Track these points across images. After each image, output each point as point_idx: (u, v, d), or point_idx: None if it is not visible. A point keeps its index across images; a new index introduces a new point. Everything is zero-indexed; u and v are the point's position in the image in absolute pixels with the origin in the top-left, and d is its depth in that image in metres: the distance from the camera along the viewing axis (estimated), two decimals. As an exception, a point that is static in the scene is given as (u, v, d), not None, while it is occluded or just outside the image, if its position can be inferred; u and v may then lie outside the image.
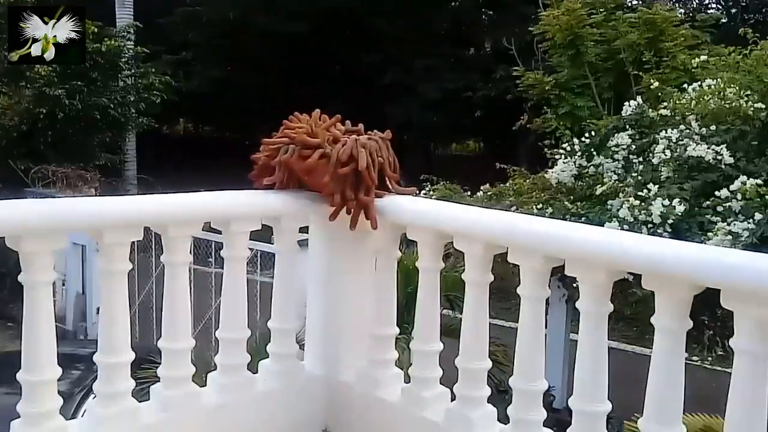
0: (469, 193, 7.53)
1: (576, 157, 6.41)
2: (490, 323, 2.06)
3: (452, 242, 2.02)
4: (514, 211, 6.11)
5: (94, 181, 11.23)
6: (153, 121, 15.43)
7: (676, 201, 4.87)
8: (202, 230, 2.11)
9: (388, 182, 2.20)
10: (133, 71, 14.83)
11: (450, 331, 2.48)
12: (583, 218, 5.42)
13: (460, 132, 22.69)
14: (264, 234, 2.49)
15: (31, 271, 1.73)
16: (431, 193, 7.36)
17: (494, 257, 2.00)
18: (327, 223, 2.17)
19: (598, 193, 5.70)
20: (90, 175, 11.33)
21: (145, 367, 2.67)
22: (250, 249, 2.22)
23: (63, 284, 9.67)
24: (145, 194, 2.02)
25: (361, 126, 2.25)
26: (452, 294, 5.14)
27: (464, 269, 2.02)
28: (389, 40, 20.19)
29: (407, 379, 2.20)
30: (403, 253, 2.30)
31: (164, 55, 18.31)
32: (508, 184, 7.26)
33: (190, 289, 2.11)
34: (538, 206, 6.06)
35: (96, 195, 10.78)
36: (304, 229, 2.35)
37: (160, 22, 21.40)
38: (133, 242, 1.94)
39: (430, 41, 19.56)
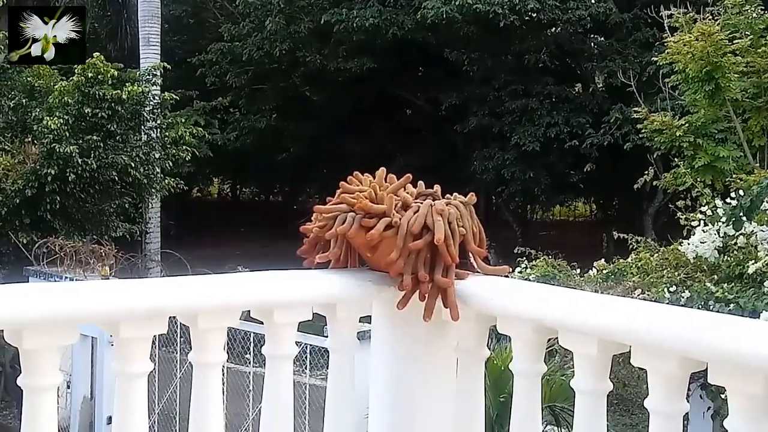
0: (578, 271, 7.42)
1: (720, 224, 6.26)
2: (609, 445, 1.99)
3: (557, 338, 1.99)
4: (638, 296, 5.97)
5: (110, 257, 11.63)
6: (182, 183, 15.98)
7: None
8: (239, 319, 2.15)
9: (472, 259, 2.19)
10: (158, 122, 15.48)
11: (556, 455, 2.42)
12: (731, 305, 5.27)
13: (565, 191, 22.57)
14: (315, 324, 2.51)
15: (33, 373, 1.78)
16: (528, 271, 7.29)
17: (613, 358, 1.95)
18: (395, 312, 2.17)
19: (750, 271, 5.55)
20: (104, 250, 11.75)
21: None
22: (297, 344, 2.23)
23: (68, 386, 9.91)
24: (171, 274, 2.07)
25: (437, 188, 2.27)
26: (557, 405, 5.01)
27: (573, 373, 1.98)
28: (472, 76, 20.51)
29: None
30: (493, 350, 2.27)
31: (196, 102, 19.15)
32: (630, 260, 7.12)
33: (223, 393, 2.13)
34: (671, 289, 5.93)
35: (111, 275, 11.15)
36: (365, 319, 2.36)
37: (191, 62, 22.49)
38: (155, 336, 1.98)
39: (524, 77, 19.77)
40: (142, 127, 15.32)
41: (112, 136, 14.17)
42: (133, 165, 14.08)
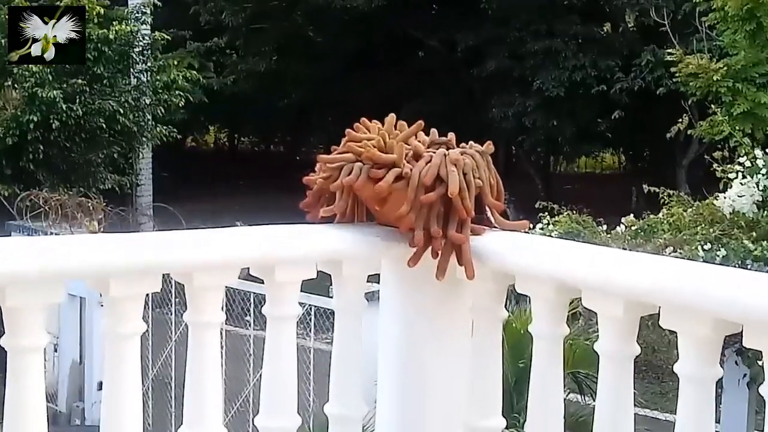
0: (605, 227, 7.42)
1: (759, 176, 6.24)
2: (636, 414, 2.01)
3: (580, 298, 2.00)
4: (670, 254, 5.97)
5: (98, 211, 11.68)
6: (174, 131, 15.96)
7: None
8: (239, 278, 2.17)
9: (489, 213, 2.20)
10: (149, 65, 15.42)
11: (578, 425, 2.45)
12: (771, 263, 5.26)
13: (592, 141, 22.45)
14: (320, 283, 2.52)
15: (17, 334, 1.80)
16: (551, 227, 7.30)
17: (642, 320, 1.96)
18: (405, 270, 2.17)
19: (792, 227, 5.54)
20: (92, 203, 11.80)
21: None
22: (301, 304, 2.25)
23: (55, 350, 10.02)
24: (165, 229, 2.09)
25: (452, 135, 2.26)
26: (581, 372, 5.05)
27: (597, 336, 1.99)
28: (491, 15, 20.30)
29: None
30: (512, 313, 2.29)
31: (190, 43, 19.04)
32: (661, 215, 7.12)
33: (222, 357, 2.16)
34: (705, 247, 5.93)
35: (100, 230, 11.20)
36: (374, 278, 2.37)
37: (185, -1, 22.30)
38: (148, 295, 2.00)
39: (548, 16, 19.55)
40: (131, 70, 15.26)
41: (99, 79, 14.13)
42: (121, 111, 14.06)
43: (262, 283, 2.16)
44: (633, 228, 7.02)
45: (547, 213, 7.89)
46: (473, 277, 2.12)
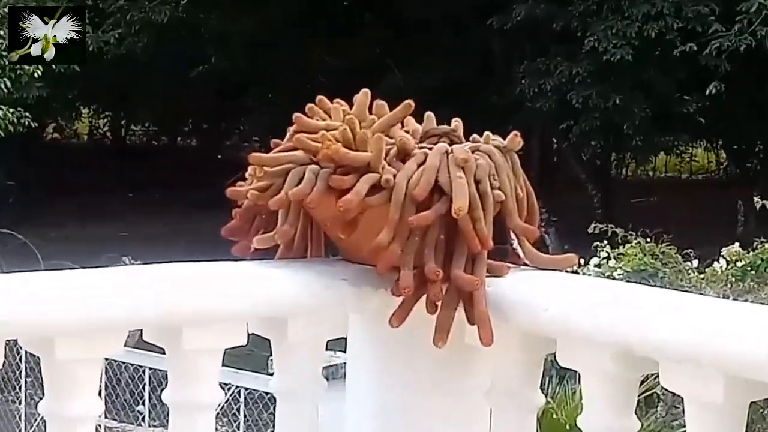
0: (695, 263, 7.48)
1: None
2: None
3: (656, 374, 2.01)
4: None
5: None
6: (27, 116, 15.97)
7: None
8: (126, 347, 2.17)
9: (515, 243, 2.22)
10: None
11: None
12: None
13: (675, 129, 22.63)
14: (254, 354, 2.52)
15: None
16: (612, 263, 7.34)
17: (753, 407, 1.98)
18: (386, 332, 2.19)
19: None
20: None
21: None
22: (224, 386, 2.26)
23: None
24: (11, 270, 2.09)
25: (458, 123, 2.29)
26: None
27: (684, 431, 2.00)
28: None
29: None
30: (553, 396, 2.30)
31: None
32: (783, 245, 7.18)
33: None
34: None
35: None
36: (337, 344, 2.38)
37: None
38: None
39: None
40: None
41: None
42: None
43: (163, 353, 2.16)
44: (739, 264, 7.07)
45: (606, 241, 7.93)
46: (491, 342, 2.13)
